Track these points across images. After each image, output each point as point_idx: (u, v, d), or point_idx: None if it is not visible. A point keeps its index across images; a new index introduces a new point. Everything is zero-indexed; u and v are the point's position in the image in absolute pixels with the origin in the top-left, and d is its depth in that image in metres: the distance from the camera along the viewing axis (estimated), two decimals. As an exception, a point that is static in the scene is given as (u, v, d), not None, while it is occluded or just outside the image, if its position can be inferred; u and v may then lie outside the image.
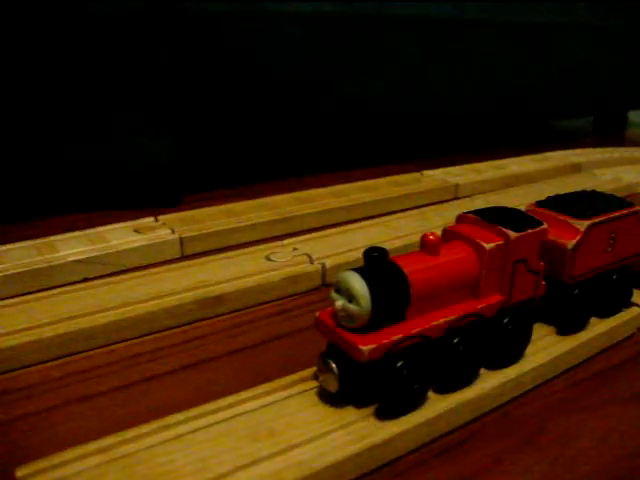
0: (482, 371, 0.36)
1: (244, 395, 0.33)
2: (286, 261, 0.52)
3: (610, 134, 1.29)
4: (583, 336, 0.40)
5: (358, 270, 0.31)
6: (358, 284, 0.30)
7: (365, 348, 0.30)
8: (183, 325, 0.45)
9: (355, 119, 0.87)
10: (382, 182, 0.76)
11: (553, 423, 0.35)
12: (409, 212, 0.67)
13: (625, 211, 0.41)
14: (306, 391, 0.34)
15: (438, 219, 0.63)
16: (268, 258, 0.52)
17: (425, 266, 0.33)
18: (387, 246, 0.34)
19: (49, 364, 0.40)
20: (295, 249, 0.54)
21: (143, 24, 0.66)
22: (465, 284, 0.34)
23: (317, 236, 0.58)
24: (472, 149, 0.99)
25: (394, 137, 1.01)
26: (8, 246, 0.53)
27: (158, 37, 0.67)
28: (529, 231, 0.35)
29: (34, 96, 0.63)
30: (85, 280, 0.49)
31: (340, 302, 0.31)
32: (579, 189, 0.46)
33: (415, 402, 0.32)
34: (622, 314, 0.43)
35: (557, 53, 1.05)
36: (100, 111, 0.66)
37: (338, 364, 0.31)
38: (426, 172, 0.81)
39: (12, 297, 0.45)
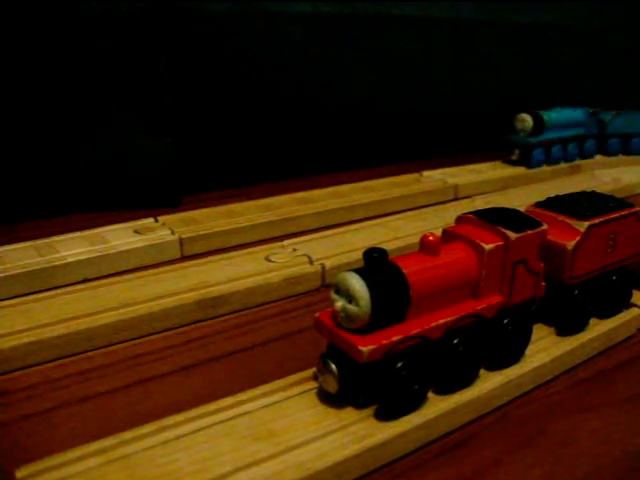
0: (482, 372, 0.36)
1: (244, 396, 0.33)
2: (286, 262, 0.52)
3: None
4: (583, 337, 0.40)
5: (358, 271, 0.31)
6: (358, 285, 0.30)
7: (365, 349, 0.30)
8: (183, 326, 0.45)
9: (355, 119, 0.87)
10: (382, 183, 0.76)
11: (553, 424, 0.35)
12: (409, 213, 0.67)
13: (625, 212, 0.41)
14: (306, 392, 0.34)
15: (437, 220, 0.63)
16: (268, 259, 0.52)
17: (425, 267, 0.33)
18: (387, 247, 0.34)
19: (49, 365, 0.40)
20: (295, 250, 0.54)
21: (143, 24, 0.66)
22: (465, 285, 0.34)
23: (317, 237, 0.58)
24: (472, 149, 0.99)
25: (393, 137, 1.01)
26: (8, 247, 0.53)
27: (158, 37, 0.67)
28: (529, 232, 0.35)
29: (33, 97, 0.63)
30: (85, 281, 0.49)
31: (340, 303, 0.31)
32: (579, 190, 0.46)
33: (415, 403, 0.32)
34: (622, 315, 0.43)
35: (557, 53, 1.05)
36: (100, 111, 0.66)
37: (338, 365, 0.31)
38: (425, 173, 0.80)
39: (12, 298, 0.45)
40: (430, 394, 0.33)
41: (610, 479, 0.31)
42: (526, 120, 0.85)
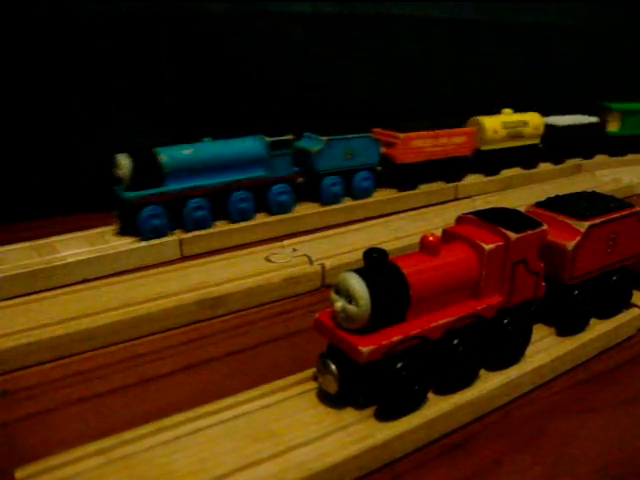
0: (482, 372, 0.36)
1: (244, 396, 0.33)
2: (286, 262, 0.51)
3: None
4: (583, 337, 0.40)
5: (358, 271, 0.31)
6: (358, 285, 0.30)
7: (364, 349, 0.30)
8: (183, 326, 0.45)
9: (355, 119, 0.87)
10: (382, 183, 0.76)
11: (553, 424, 0.34)
12: (409, 213, 0.67)
13: (625, 212, 0.41)
14: (306, 392, 0.34)
15: (438, 220, 0.63)
16: (268, 259, 0.52)
17: (425, 267, 0.33)
18: (387, 247, 0.34)
19: (49, 365, 0.40)
20: (295, 250, 0.54)
21: (143, 24, 0.66)
22: (465, 285, 0.34)
23: (317, 237, 0.58)
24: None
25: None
26: (8, 247, 0.53)
27: (158, 37, 0.67)
28: (529, 232, 0.35)
29: (34, 97, 0.63)
30: (85, 281, 0.49)
31: (340, 303, 0.31)
32: (579, 190, 0.46)
33: (415, 403, 0.32)
34: (622, 315, 0.43)
35: (557, 53, 1.05)
36: (100, 111, 0.66)
37: (338, 365, 0.31)
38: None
39: (12, 298, 0.45)
40: (430, 394, 0.33)
41: (611, 479, 0.31)
42: (122, 164, 0.53)
